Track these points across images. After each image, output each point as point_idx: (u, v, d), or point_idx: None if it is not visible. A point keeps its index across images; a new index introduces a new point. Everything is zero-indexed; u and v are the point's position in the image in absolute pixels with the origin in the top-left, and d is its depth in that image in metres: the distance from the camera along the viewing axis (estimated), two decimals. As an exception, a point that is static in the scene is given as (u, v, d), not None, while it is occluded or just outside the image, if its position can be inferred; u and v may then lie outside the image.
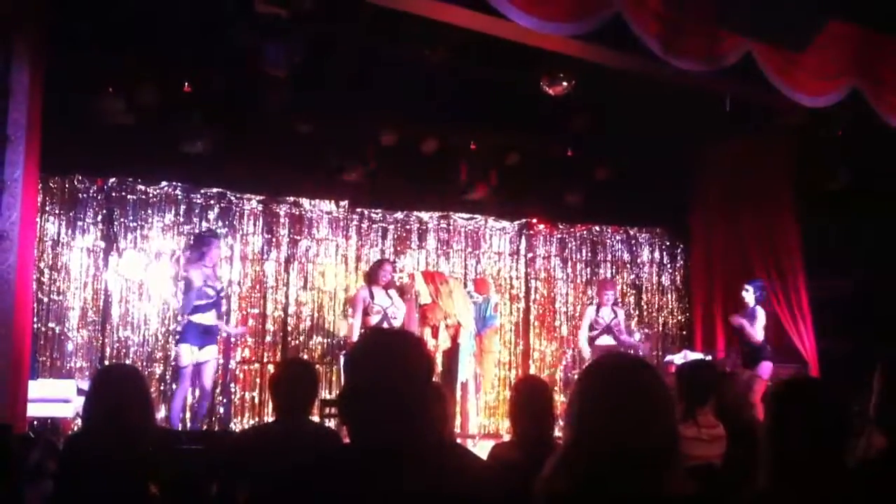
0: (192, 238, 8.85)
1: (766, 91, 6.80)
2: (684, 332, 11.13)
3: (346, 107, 8.66)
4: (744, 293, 8.93)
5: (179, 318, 8.37)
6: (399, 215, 10.40)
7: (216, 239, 8.47)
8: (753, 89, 7.14)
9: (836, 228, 9.02)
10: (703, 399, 4.30)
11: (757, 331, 8.66)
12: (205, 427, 8.69)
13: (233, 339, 9.19)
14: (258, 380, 9.35)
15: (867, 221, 8.80)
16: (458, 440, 7.70)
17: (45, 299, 8.44)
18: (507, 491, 2.13)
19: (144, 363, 8.83)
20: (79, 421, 6.81)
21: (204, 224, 9.34)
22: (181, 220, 9.29)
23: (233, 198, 9.54)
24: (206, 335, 7.96)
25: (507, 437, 6.57)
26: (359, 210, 10.13)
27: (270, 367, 9.18)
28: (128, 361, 8.56)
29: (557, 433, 3.98)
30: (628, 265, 11.41)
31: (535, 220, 11.04)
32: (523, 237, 11.01)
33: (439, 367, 9.19)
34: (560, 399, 9.27)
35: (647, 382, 2.10)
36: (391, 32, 7.41)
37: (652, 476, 1.97)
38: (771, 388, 2.49)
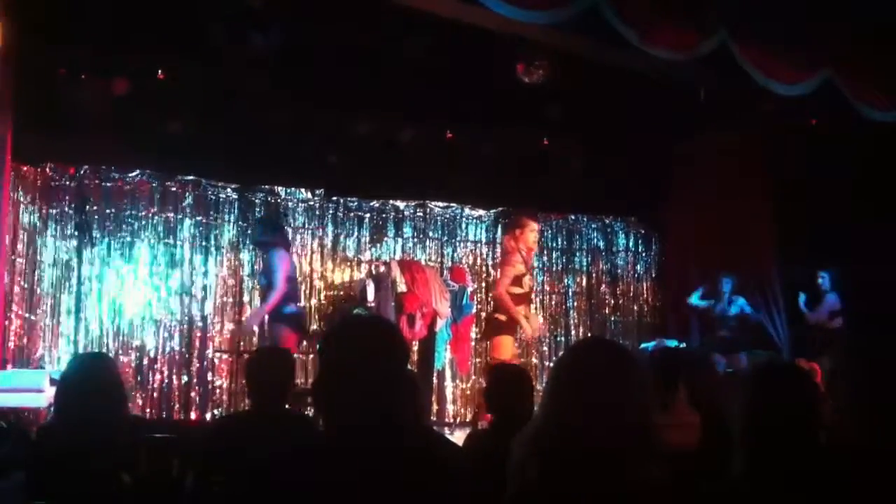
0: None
1: (741, 80, 6.84)
2: (658, 321, 11.20)
3: (323, 95, 8.61)
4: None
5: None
6: (375, 204, 10.38)
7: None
8: (729, 79, 7.17)
9: (810, 219, 9.07)
10: (674, 386, 4.32)
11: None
12: (181, 416, 8.66)
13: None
14: (234, 368, 9.31)
15: (842, 213, 8.86)
16: (435, 428, 7.72)
17: (18, 288, 8.35)
18: (484, 479, 2.13)
19: (120, 352, 8.77)
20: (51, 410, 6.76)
21: (178, 213, 9.29)
22: (155, 208, 9.22)
23: (208, 186, 9.47)
24: None
25: (482, 425, 6.59)
26: (335, 198, 10.10)
27: (246, 356, 9.14)
28: (103, 350, 8.49)
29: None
30: (603, 253, 11.45)
31: (510, 209, 11.03)
32: (499, 226, 11.01)
33: (415, 356, 9.21)
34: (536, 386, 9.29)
35: (621, 369, 2.10)
36: (370, 21, 7.37)
37: (624, 463, 1.98)
38: (746, 373, 2.49)
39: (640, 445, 2.01)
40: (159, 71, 8.15)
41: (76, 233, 8.69)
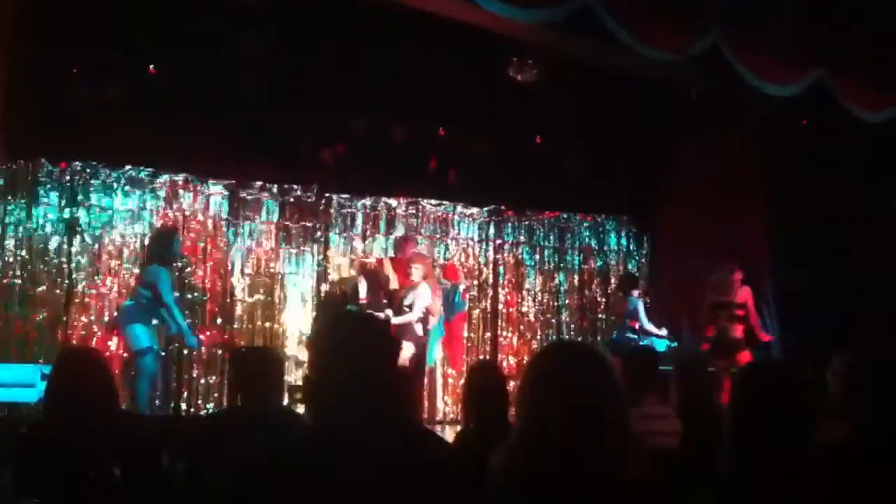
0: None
1: (734, 79, 6.86)
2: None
3: (317, 93, 8.60)
4: None
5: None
6: (368, 201, 10.36)
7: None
8: (722, 78, 7.20)
9: (803, 221, 9.08)
10: (647, 384, 4.32)
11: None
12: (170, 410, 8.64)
13: None
14: (222, 364, 9.28)
15: (834, 215, 8.87)
16: (427, 425, 7.72)
17: (8, 283, 8.32)
18: (476, 475, 2.13)
19: (111, 347, 8.73)
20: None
21: (169, 210, 9.25)
22: (146, 204, 9.18)
23: (199, 183, 9.43)
24: None
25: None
26: (327, 195, 10.08)
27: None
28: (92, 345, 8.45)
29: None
30: (595, 252, 11.47)
31: (503, 207, 11.05)
32: (492, 224, 11.02)
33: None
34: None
35: (594, 370, 2.11)
36: (364, 20, 7.38)
37: (603, 462, 1.98)
38: (737, 373, 2.49)
39: (617, 443, 2.02)
40: (151, 66, 8.14)
41: (66, 227, 8.71)
